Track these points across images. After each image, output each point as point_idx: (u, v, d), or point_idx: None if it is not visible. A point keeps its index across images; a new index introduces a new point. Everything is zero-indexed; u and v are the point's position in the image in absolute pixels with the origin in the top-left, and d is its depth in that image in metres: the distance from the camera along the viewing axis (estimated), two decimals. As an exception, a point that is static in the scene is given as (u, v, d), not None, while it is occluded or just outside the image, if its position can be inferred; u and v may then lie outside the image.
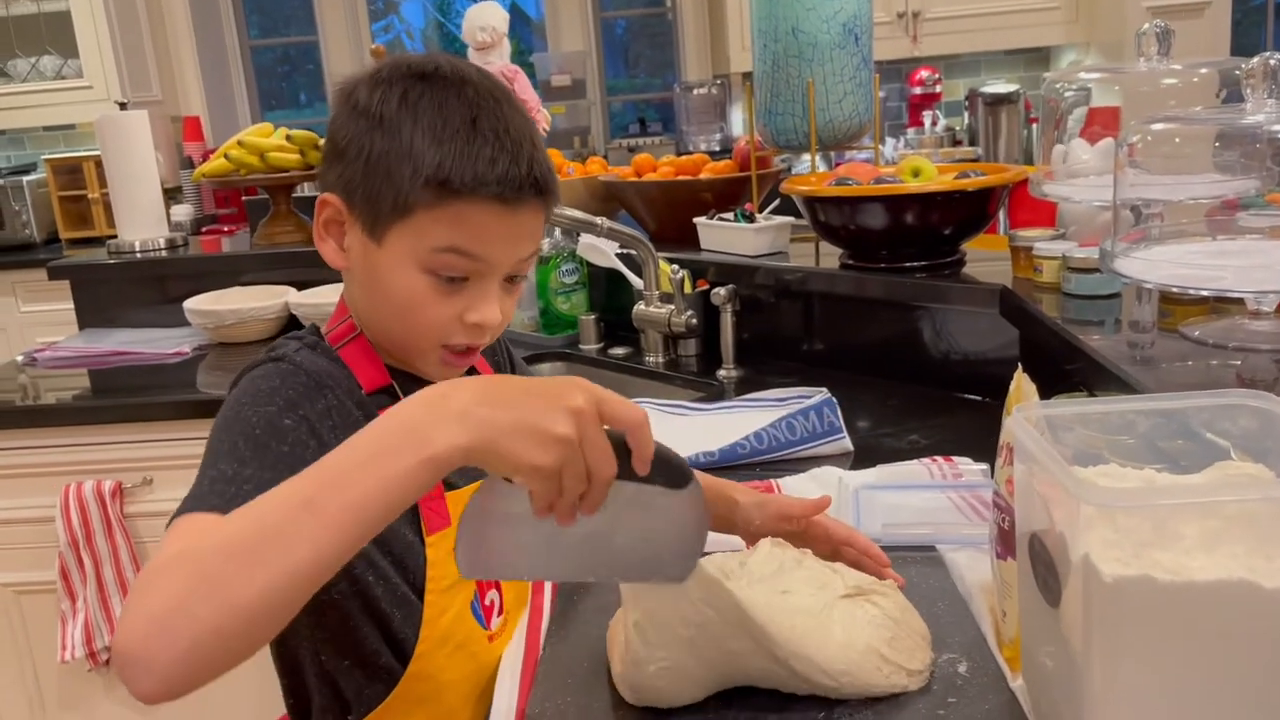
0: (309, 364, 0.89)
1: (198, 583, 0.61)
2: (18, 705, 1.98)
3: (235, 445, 0.80)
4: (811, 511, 1.01)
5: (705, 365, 1.90)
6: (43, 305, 3.71)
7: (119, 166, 2.46)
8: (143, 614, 0.61)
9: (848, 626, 0.84)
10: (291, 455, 0.81)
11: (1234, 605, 0.64)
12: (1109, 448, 0.86)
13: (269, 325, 2.25)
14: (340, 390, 0.89)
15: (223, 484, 0.77)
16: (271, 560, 0.61)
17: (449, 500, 0.94)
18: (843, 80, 1.84)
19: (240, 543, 0.62)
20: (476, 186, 0.82)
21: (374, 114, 0.84)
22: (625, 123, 4.87)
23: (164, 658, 0.60)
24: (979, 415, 1.52)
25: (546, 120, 2.73)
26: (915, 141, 4.01)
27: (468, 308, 0.88)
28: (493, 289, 0.89)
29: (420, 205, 0.83)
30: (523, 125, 0.86)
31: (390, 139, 0.83)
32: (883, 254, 1.68)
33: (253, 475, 0.77)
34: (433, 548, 0.92)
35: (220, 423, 0.84)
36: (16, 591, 1.93)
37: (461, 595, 0.96)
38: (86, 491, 1.85)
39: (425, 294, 0.87)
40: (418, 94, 0.84)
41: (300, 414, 0.84)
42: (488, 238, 0.85)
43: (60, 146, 4.49)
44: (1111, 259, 1.18)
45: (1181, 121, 1.18)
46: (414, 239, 0.85)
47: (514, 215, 0.85)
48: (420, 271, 0.86)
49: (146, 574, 0.64)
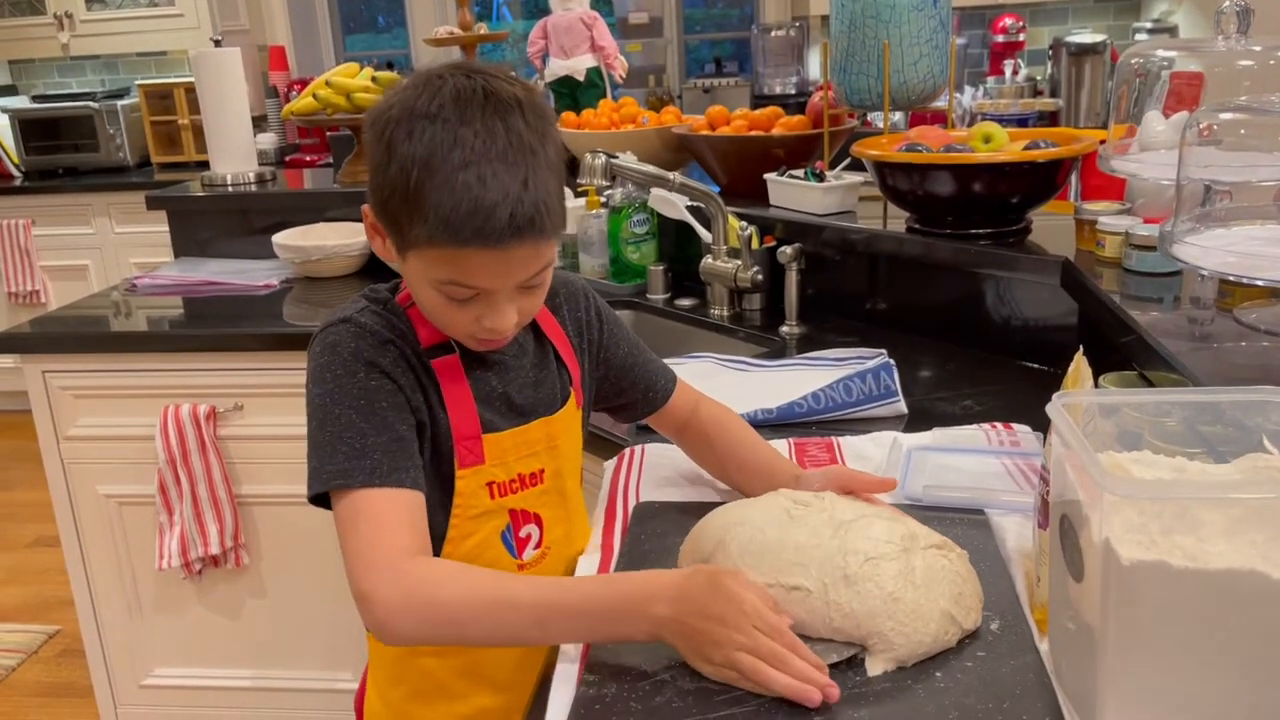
0: (372, 325, 1.00)
1: (441, 628, 0.92)
2: (117, 607, 2.15)
3: (350, 418, 0.96)
4: (875, 488, 1.08)
5: (769, 321, 1.96)
6: (136, 227, 3.87)
7: (212, 101, 2.56)
8: (395, 615, 0.90)
9: (927, 582, 0.89)
10: (389, 409, 0.97)
11: (1243, 593, 0.69)
12: (1150, 429, 0.91)
13: (352, 261, 2.35)
14: (402, 342, 1.00)
15: (356, 459, 0.95)
16: (500, 639, 0.95)
17: (486, 442, 1.04)
18: (919, 43, 1.85)
19: (481, 619, 0.90)
20: (463, 242, 0.89)
21: (387, 148, 0.91)
22: (702, 60, 4.86)
23: (404, 640, 0.93)
24: (1035, 383, 1.57)
25: (624, 67, 2.76)
26: (994, 91, 3.94)
27: (481, 315, 0.97)
28: (500, 303, 0.96)
29: (421, 243, 0.92)
30: (516, 166, 0.89)
31: (396, 180, 0.90)
32: (949, 220, 1.71)
33: (374, 442, 0.95)
34: (462, 480, 1.03)
35: (323, 394, 0.97)
36: (119, 503, 2.08)
37: (491, 524, 1.06)
38: (183, 413, 1.98)
39: (444, 306, 0.97)
40: (420, 133, 0.89)
41: (380, 370, 0.98)
42: (483, 274, 0.93)
43: (151, 72, 4.62)
44: (1170, 242, 1.21)
45: (1252, 112, 1.19)
46: (423, 267, 0.95)
47: (505, 254, 0.91)
48: (433, 290, 0.96)
49: (385, 573, 0.91)
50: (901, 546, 0.92)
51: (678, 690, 0.86)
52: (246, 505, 2.05)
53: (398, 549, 0.91)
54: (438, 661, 1.08)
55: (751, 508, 1.00)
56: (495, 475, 1.04)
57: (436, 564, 0.94)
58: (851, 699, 0.84)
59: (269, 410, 2.01)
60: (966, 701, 0.83)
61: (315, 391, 0.98)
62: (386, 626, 0.90)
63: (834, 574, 0.89)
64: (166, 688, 2.19)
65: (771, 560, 0.92)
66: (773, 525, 0.95)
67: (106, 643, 2.18)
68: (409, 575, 0.90)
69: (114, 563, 2.13)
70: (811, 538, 0.92)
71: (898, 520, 0.96)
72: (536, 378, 1.09)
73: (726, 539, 0.96)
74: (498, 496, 1.05)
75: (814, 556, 0.90)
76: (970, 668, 0.87)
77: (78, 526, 2.11)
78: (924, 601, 0.88)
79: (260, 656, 2.15)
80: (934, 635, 0.88)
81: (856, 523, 0.94)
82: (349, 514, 0.94)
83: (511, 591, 0.90)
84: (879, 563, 0.89)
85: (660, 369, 1.23)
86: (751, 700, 0.84)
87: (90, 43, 4.34)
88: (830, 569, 0.89)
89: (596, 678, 0.89)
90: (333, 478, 0.94)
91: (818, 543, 0.92)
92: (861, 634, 0.88)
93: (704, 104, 3.09)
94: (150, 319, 2.15)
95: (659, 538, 1.12)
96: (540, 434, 1.08)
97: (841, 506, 0.98)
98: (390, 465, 0.95)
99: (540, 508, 1.09)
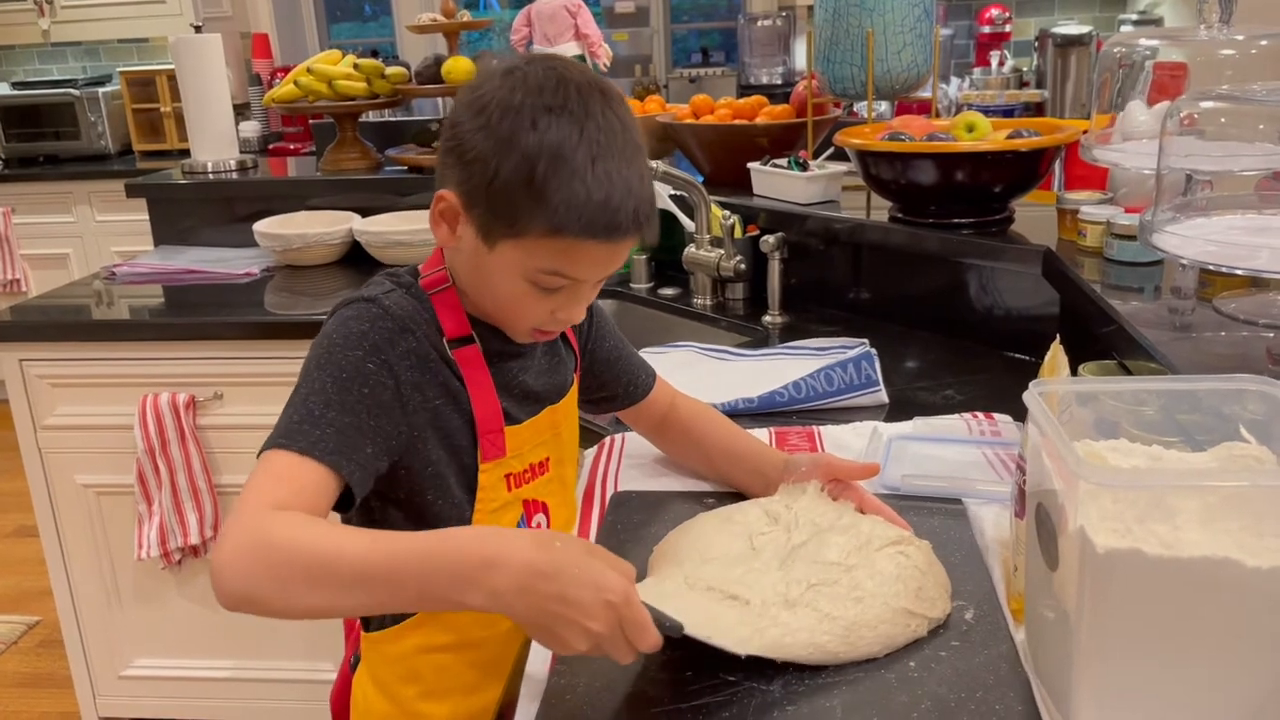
0: (396, 307, 0.97)
1: (268, 577, 0.79)
2: (96, 597, 2.14)
3: (325, 387, 0.91)
4: (860, 475, 1.08)
5: (751, 310, 1.96)
6: (117, 215, 3.84)
7: (193, 88, 2.54)
8: (228, 558, 0.79)
9: (876, 592, 0.90)
10: (370, 397, 0.92)
11: (1217, 581, 0.69)
12: (1127, 418, 0.91)
13: (334, 250, 2.34)
14: (422, 333, 0.98)
15: (308, 425, 0.88)
16: (324, 597, 0.79)
17: (507, 434, 1.02)
18: (902, 31, 1.85)
19: (310, 570, 0.79)
20: (586, 234, 0.89)
21: (503, 138, 0.88)
22: (688, 50, 4.84)
23: (232, 592, 0.79)
24: (1016, 372, 1.56)
25: (608, 56, 2.75)
26: (980, 82, 3.94)
27: (559, 307, 0.97)
28: (585, 295, 0.98)
29: (532, 232, 0.90)
30: (633, 162, 0.91)
31: (516, 171, 0.88)
32: (932, 209, 1.70)
33: (334, 419, 0.89)
34: (485, 474, 1.02)
35: (314, 359, 0.94)
36: (97, 492, 2.07)
37: (508, 516, 1.05)
38: (162, 403, 1.97)
39: (525, 297, 0.95)
40: (546, 124, 0.88)
41: (383, 358, 0.94)
42: (590, 266, 0.94)
43: (133, 59, 4.58)
44: (1150, 231, 1.20)
45: (1233, 101, 1.19)
46: (522, 256, 0.92)
47: (615, 248, 0.93)
48: (522, 279, 0.94)
49: (242, 519, 0.81)
50: (847, 565, 0.92)
51: (651, 680, 0.86)
52: (226, 495, 2.04)
53: (274, 502, 0.83)
54: (453, 656, 1.05)
55: (726, 517, 1.02)
56: (512, 467, 1.04)
57: (295, 514, 0.83)
58: (823, 688, 0.84)
59: (249, 399, 2.00)
60: (939, 691, 0.83)
61: (310, 356, 0.95)
62: (217, 569, 0.79)
63: (775, 597, 0.90)
64: (146, 678, 2.18)
65: (721, 570, 0.94)
66: (735, 537, 0.99)
67: (86, 633, 2.16)
68: (262, 518, 0.81)
69: (93, 553, 2.11)
70: (763, 564, 0.94)
71: (854, 530, 0.97)
72: (549, 365, 1.10)
73: (691, 535, 0.97)
74: (514, 488, 1.05)
75: (762, 580, 0.92)
76: (944, 657, 0.87)
77: (56, 517, 2.09)
78: (870, 611, 0.89)
79: (240, 647, 2.14)
80: (888, 635, 0.88)
81: (808, 545, 0.95)
82: (259, 468, 0.87)
83: (338, 542, 0.79)
84: (820, 589, 0.90)
85: (641, 364, 1.23)
86: (726, 689, 0.84)
87: (71, 29, 4.29)
88: (773, 594, 0.90)
89: (567, 666, 0.88)
90: (277, 436, 0.88)
91: (767, 570, 0.93)
92: (789, 641, 0.87)
93: (690, 94, 3.08)
94: (130, 307, 2.13)
95: (635, 528, 1.12)
96: (547, 421, 1.08)
97: (805, 521, 0.99)
98: (338, 444, 0.88)
99: (547, 496, 1.10)
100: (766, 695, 0.83)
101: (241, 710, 2.19)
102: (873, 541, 0.95)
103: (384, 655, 1.07)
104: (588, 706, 0.84)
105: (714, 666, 0.86)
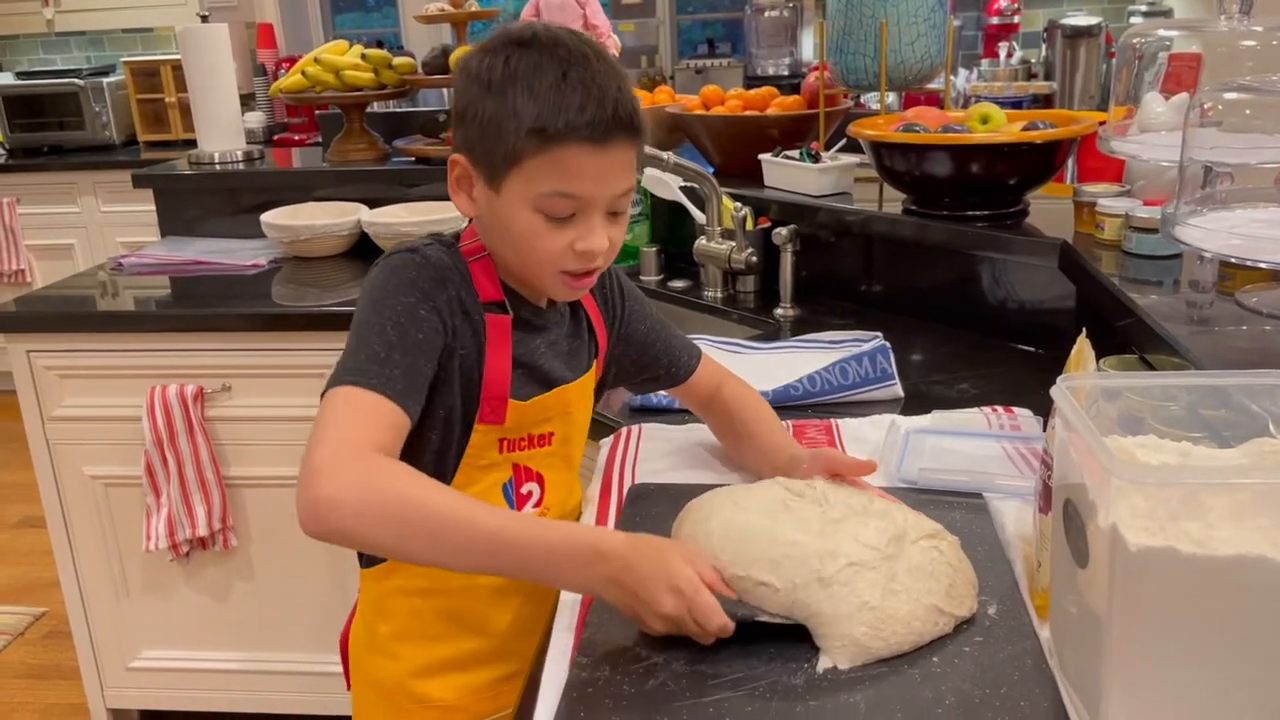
0: (437, 260, 1.02)
1: (388, 526, 0.86)
2: (103, 589, 2.13)
3: (384, 329, 0.95)
4: (857, 471, 1.07)
5: (763, 303, 1.94)
6: (122, 206, 3.83)
7: (199, 78, 2.53)
8: (343, 495, 0.84)
9: (910, 586, 0.88)
10: (427, 342, 0.97)
11: (1251, 580, 0.68)
12: (1153, 414, 0.90)
13: (341, 241, 2.33)
14: (459, 287, 1.02)
15: (376, 365, 0.93)
16: (441, 555, 0.88)
17: (510, 407, 1.05)
18: (916, 22, 1.83)
19: (438, 531, 0.86)
20: (569, 131, 0.93)
21: (484, 80, 0.96)
22: (694, 41, 4.82)
23: (337, 529, 0.85)
24: (1031, 366, 1.56)
25: (617, 46, 2.73)
26: (989, 74, 3.92)
27: (577, 238, 0.98)
28: (596, 221, 0.99)
29: (526, 154, 0.94)
30: (609, 73, 0.96)
31: (498, 101, 0.95)
32: (946, 201, 1.69)
33: (399, 360, 0.94)
34: (478, 434, 1.05)
35: (370, 303, 0.98)
36: (106, 484, 2.06)
37: (495, 475, 1.08)
38: (170, 394, 1.95)
39: (539, 229, 0.98)
40: (518, 58, 0.94)
41: (433, 305, 0.99)
42: (584, 176, 0.95)
43: (138, 49, 4.56)
44: (1173, 224, 1.19)
45: (1256, 93, 1.17)
46: (525, 184, 0.96)
47: (606, 154, 0.95)
48: (532, 211, 0.97)
49: (350, 457, 0.86)
50: (886, 554, 0.90)
51: (671, 674, 0.85)
52: (235, 487, 2.03)
53: (373, 443, 0.88)
54: (422, 601, 1.10)
55: (745, 493, 0.98)
56: (507, 433, 1.07)
57: (407, 468, 0.89)
58: (846, 684, 0.83)
59: (257, 391, 1.99)
60: (963, 687, 0.82)
61: (363, 304, 0.98)
62: (326, 503, 0.84)
63: (808, 575, 0.87)
64: (153, 670, 2.17)
65: (747, 550, 0.90)
66: (761, 513, 0.93)
67: (93, 625, 2.16)
68: (375, 461, 0.87)
69: (101, 544, 2.10)
70: (797, 533, 0.90)
71: (889, 517, 0.94)
72: (571, 347, 1.13)
73: (712, 522, 0.94)
74: (505, 451, 1.08)
75: (793, 554, 0.88)
76: (968, 653, 0.86)
77: (64, 508, 2.08)
78: (904, 606, 0.87)
79: (247, 639, 2.14)
80: (918, 632, 0.87)
81: (846, 522, 0.92)
82: (340, 401, 0.90)
83: (473, 511, 0.87)
84: (860, 570, 0.88)
85: (683, 345, 1.26)
86: (745, 684, 0.83)
87: (75, 18, 4.28)
88: (805, 570, 0.87)
89: (589, 659, 0.88)
90: (347, 374, 0.92)
91: (802, 540, 0.89)
92: (825, 631, 0.86)
93: (697, 85, 3.06)
94: (137, 299, 2.12)
95: (653, 519, 1.10)
96: (556, 400, 1.09)
97: (836, 500, 0.96)
98: (406, 387, 0.94)
99: (545, 468, 1.12)
100: (789, 690, 0.82)
101: (249, 702, 2.18)
102: (909, 533, 0.93)
103: (369, 592, 1.13)
104: (609, 699, 0.83)
105: (735, 658, 0.85)
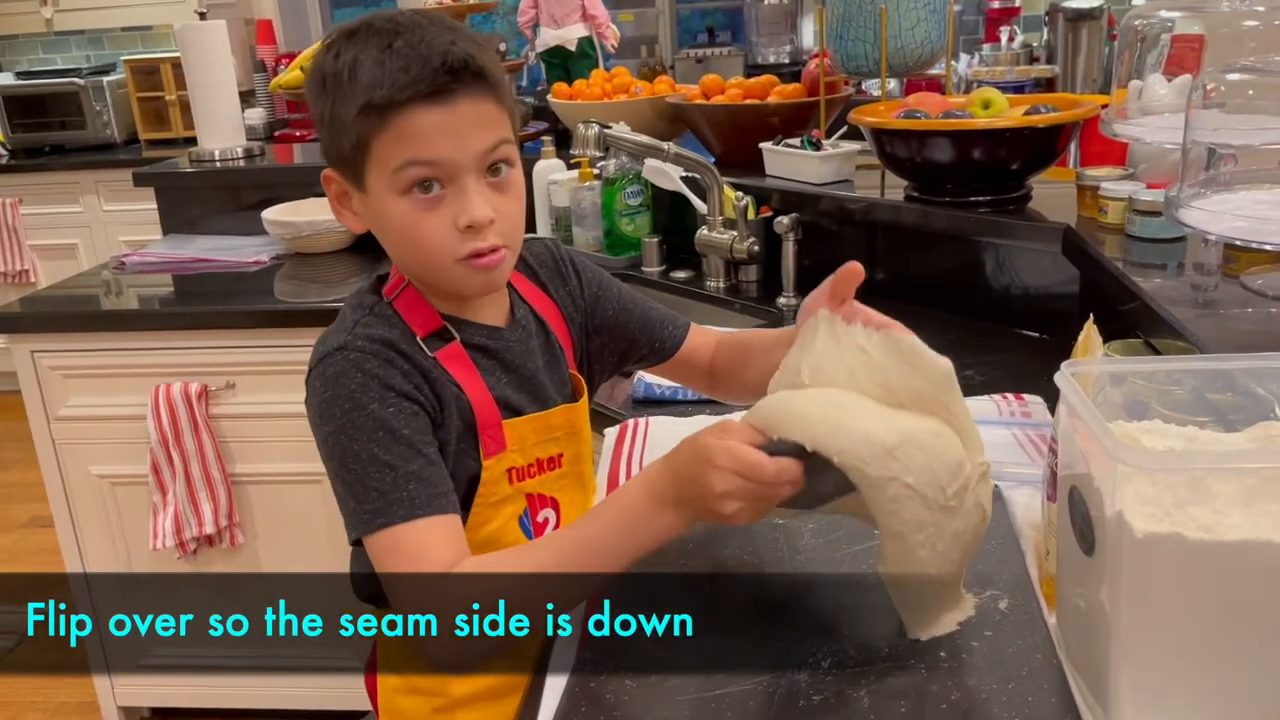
0: (369, 344, 0.94)
1: (494, 624, 0.84)
2: (111, 587, 2.13)
3: (375, 456, 0.90)
4: (845, 283, 1.00)
5: (765, 292, 1.94)
6: (124, 205, 3.83)
7: (199, 75, 2.52)
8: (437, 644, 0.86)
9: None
10: (414, 432, 0.92)
11: (1258, 564, 0.68)
12: (1159, 399, 0.89)
13: (343, 237, 2.32)
14: (404, 346, 0.95)
15: (394, 492, 0.89)
16: (558, 608, 0.88)
17: (505, 428, 1.00)
18: (916, 7, 1.82)
19: (527, 596, 0.86)
20: (397, 93, 0.87)
21: (317, 80, 0.92)
22: (694, 30, 4.80)
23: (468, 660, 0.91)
24: (1036, 352, 1.55)
25: (616, 37, 2.73)
26: (990, 59, 3.90)
27: (456, 214, 0.91)
28: (468, 188, 0.91)
29: (370, 135, 0.89)
30: (442, 32, 0.90)
31: (334, 94, 0.90)
32: (948, 187, 1.68)
33: (405, 473, 0.90)
34: (487, 470, 0.99)
35: (335, 435, 0.92)
36: (112, 483, 2.07)
37: (510, 509, 1.02)
38: (175, 393, 1.96)
39: (414, 216, 0.91)
40: (346, 48, 0.90)
41: (396, 392, 0.92)
42: (432, 138, 0.89)
43: (138, 47, 4.56)
44: (1176, 207, 1.19)
45: (1260, 73, 1.16)
46: (381, 170, 0.90)
47: (450, 109, 0.88)
48: (399, 196, 0.91)
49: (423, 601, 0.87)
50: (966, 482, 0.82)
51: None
52: (240, 484, 2.04)
53: (442, 564, 0.88)
54: None
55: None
56: (515, 460, 1.01)
57: (470, 566, 0.90)
58: (851, 678, 0.83)
59: (261, 388, 1.99)
60: (971, 682, 0.81)
61: (327, 430, 0.92)
62: (441, 649, 0.87)
63: (875, 444, 0.78)
64: (164, 667, 2.18)
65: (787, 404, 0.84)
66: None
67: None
68: (442, 584, 0.87)
69: (109, 543, 2.11)
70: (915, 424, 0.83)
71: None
72: (547, 361, 1.06)
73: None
74: (515, 481, 1.02)
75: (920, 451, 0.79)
76: (976, 647, 0.86)
77: (71, 507, 2.09)
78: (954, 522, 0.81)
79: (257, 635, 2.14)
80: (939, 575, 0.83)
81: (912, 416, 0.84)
82: (390, 544, 0.90)
83: (540, 559, 0.89)
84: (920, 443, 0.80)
85: (666, 318, 1.16)
86: (749, 679, 0.83)
87: (74, 17, 4.27)
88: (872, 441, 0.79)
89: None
90: (373, 518, 0.89)
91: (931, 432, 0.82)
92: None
93: (697, 74, 3.05)
94: (140, 297, 2.12)
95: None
96: (561, 419, 1.04)
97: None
98: (427, 494, 0.90)
99: (557, 491, 1.06)
100: (793, 685, 0.82)
101: (259, 699, 2.19)
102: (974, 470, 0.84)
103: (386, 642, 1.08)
104: (612, 695, 0.83)
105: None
